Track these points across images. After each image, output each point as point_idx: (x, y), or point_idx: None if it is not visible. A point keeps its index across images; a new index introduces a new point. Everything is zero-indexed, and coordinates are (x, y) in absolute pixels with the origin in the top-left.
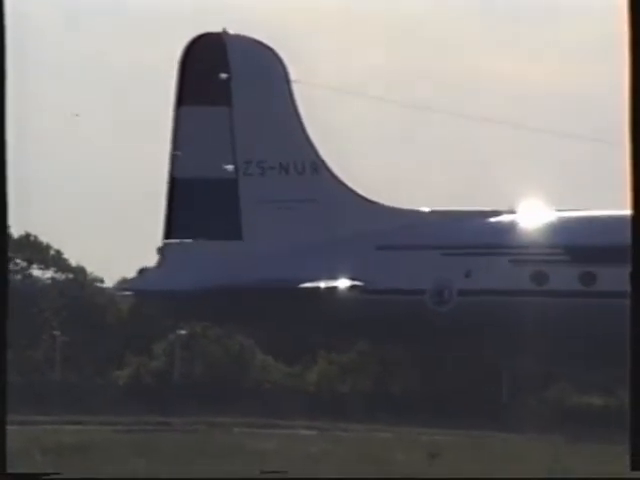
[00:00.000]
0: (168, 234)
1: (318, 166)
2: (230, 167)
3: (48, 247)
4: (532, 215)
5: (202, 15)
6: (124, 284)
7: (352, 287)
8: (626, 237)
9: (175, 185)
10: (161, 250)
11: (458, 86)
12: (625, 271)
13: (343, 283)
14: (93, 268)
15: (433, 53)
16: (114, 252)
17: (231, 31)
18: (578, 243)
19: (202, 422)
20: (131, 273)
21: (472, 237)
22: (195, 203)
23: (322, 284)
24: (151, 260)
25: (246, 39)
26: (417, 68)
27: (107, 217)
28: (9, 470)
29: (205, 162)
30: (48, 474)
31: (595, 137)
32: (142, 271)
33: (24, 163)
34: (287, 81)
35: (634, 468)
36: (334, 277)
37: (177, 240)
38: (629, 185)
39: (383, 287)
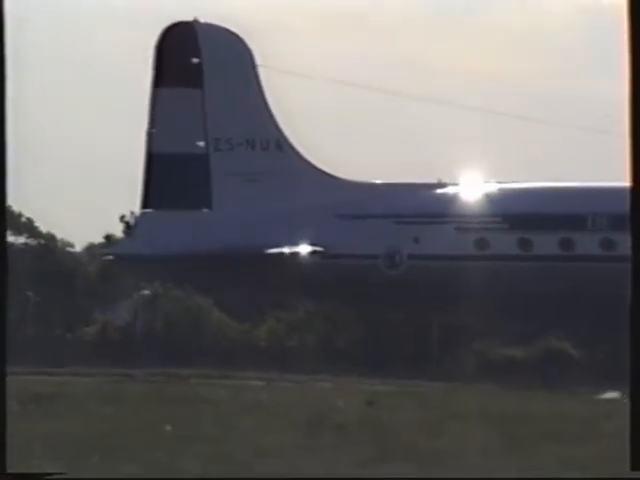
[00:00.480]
0: (145, 204)
1: (281, 143)
2: (202, 143)
3: (20, 215)
4: (474, 187)
5: (175, 5)
6: (105, 249)
7: (313, 252)
8: (556, 206)
9: (151, 160)
10: (139, 219)
11: (409, 69)
12: (556, 236)
13: (305, 249)
14: (63, 234)
15: (388, 38)
16: (81, 220)
17: (202, 19)
18: (515, 212)
19: (162, 374)
20: (98, 239)
21: (420, 207)
22: (170, 176)
23: (286, 250)
24: (115, 228)
25: (216, 27)
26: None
27: (76, 188)
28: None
29: (179, 139)
30: (51, 474)
31: (528, 115)
32: (108, 237)
33: None
34: (253, 66)
35: (634, 468)
36: (297, 243)
37: (154, 210)
38: (630, 183)
39: (341, 252)
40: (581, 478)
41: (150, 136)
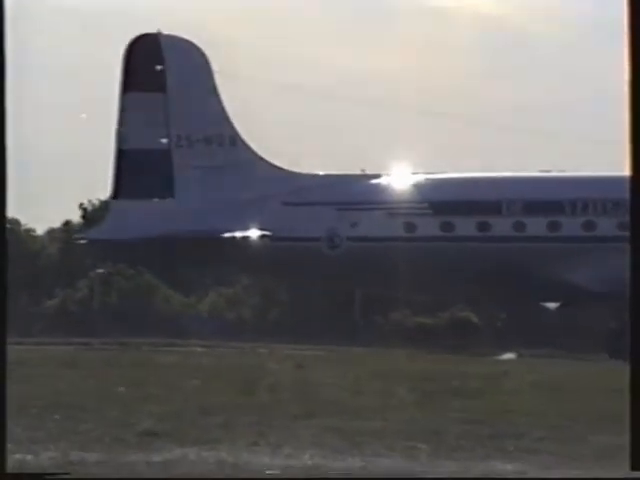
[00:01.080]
0: (115, 194)
1: (235, 139)
2: (165, 140)
3: None
4: (402, 177)
5: (140, 18)
6: (77, 234)
7: (262, 236)
8: (473, 194)
9: (120, 155)
10: (110, 207)
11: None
12: (473, 220)
13: (255, 233)
14: (27, 220)
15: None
16: (42, 208)
17: (165, 32)
18: (438, 199)
19: (116, 342)
20: (56, 224)
21: (357, 195)
22: (136, 169)
23: (238, 234)
24: (74, 214)
25: (177, 38)
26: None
27: (38, 179)
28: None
29: (145, 136)
30: (53, 474)
31: (439, 111)
32: (67, 223)
33: None
34: (210, 71)
35: (634, 468)
36: (248, 228)
37: (123, 199)
38: (630, 184)
39: (288, 235)
40: (581, 478)
41: (119, 134)
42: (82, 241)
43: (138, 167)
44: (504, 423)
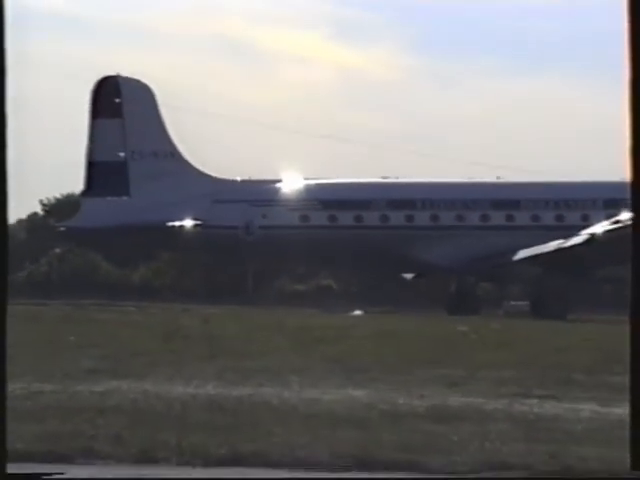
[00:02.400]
0: (85, 193)
1: (174, 153)
2: (122, 154)
3: None
4: (299, 182)
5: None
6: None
7: (196, 225)
8: (350, 193)
9: (90, 165)
10: (82, 203)
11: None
12: (350, 214)
13: (190, 222)
14: None
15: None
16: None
17: (123, 74)
18: (324, 198)
19: (69, 304)
20: (22, 215)
21: (265, 195)
22: (101, 175)
23: (177, 223)
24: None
25: (130, 79)
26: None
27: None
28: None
29: (107, 151)
30: (49, 474)
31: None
32: (34, 214)
33: None
34: (155, 102)
35: (634, 468)
36: (184, 219)
37: (91, 197)
38: (630, 184)
39: (214, 224)
40: (581, 478)
41: (89, 149)
42: (62, 229)
43: (103, 174)
44: (354, 361)
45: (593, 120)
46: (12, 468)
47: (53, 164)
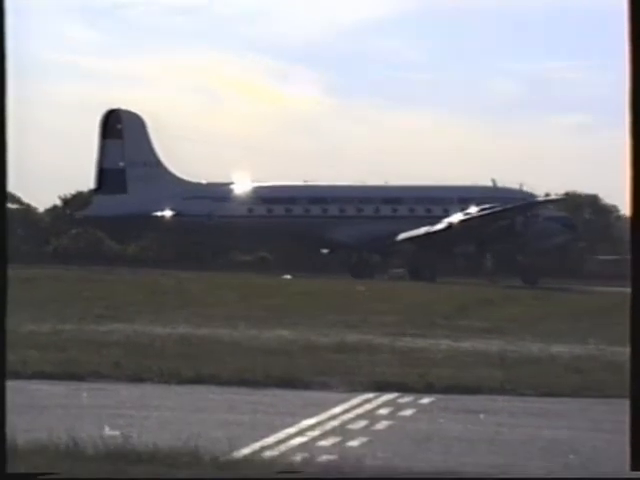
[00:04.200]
0: (96, 191)
1: (159, 163)
2: (122, 164)
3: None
4: (248, 184)
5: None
6: (76, 212)
7: (173, 215)
8: (282, 192)
9: (100, 171)
10: (93, 198)
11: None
12: (282, 206)
13: (169, 213)
14: (28, 200)
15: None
16: (39, 195)
17: (123, 107)
18: (265, 195)
19: (82, 269)
20: (48, 206)
21: (224, 193)
22: (107, 179)
23: (160, 213)
24: (57, 201)
25: (128, 111)
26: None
27: (36, 178)
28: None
29: (111, 162)
30: (49, 474)
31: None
32: (54, 207)
33: None
34: (145, 127)
35: (634, 468)
36: (165, 210)
37: (100, 194)
38: (628, 187)
39: (186, 214)
40: (581, 478)
41: (98, 160)
42: (78, 216)
43: (108, 177)
44: (282, 310)
45: (452, 141)
46: (12, 467)
47: (69, 170)
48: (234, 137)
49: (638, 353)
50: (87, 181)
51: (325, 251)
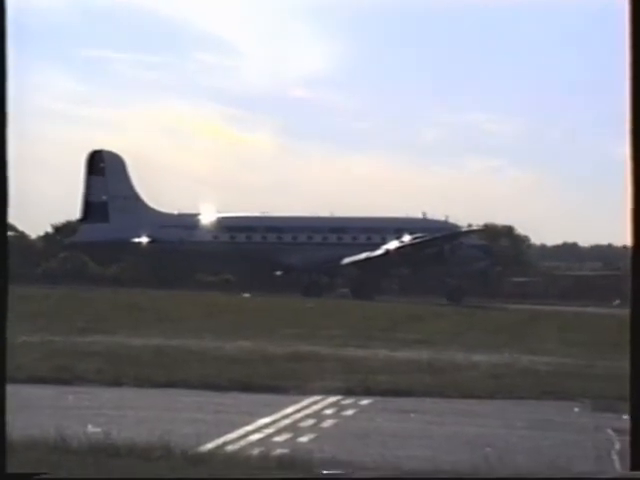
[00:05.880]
0: (82, 220)
1: (137, 197)
2: (105, 197)
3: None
4: (214, 215)
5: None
6: (65, 239)
7: (150, 241)
8: (242, 223)
9: (86, 204)
10: (80, 226)
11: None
12: (243, 234)
13: (145, 239)
14: (22, 228)
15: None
16: (32, 223)
17: (105, 149)
18: (229, 224)
19: (68, 288)
20: (40, 233)
21: (192, 223)
22: (92, 210)
23: (137, 240)
24: (48, 229)
25: (110, 151)
26: None
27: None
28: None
29: (96, 195)
30: (39, 474)
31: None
32: (46, 234)
33: None
34: (125, 166)
35: (634, 468)
36: (142, 237)
37: (85, 223)
38: (629, 190)
39: (160, 240)
40: (581, 478)
41: (85, 194)
42: (66, 242)
43: (93, 208)
44: (243, 324)
45: (387, 178)
46: (12, 467)
47: (59, 202)
48: (201, 173)
49: (638, 354)
50: (75, 211)
51: (280, 273)
